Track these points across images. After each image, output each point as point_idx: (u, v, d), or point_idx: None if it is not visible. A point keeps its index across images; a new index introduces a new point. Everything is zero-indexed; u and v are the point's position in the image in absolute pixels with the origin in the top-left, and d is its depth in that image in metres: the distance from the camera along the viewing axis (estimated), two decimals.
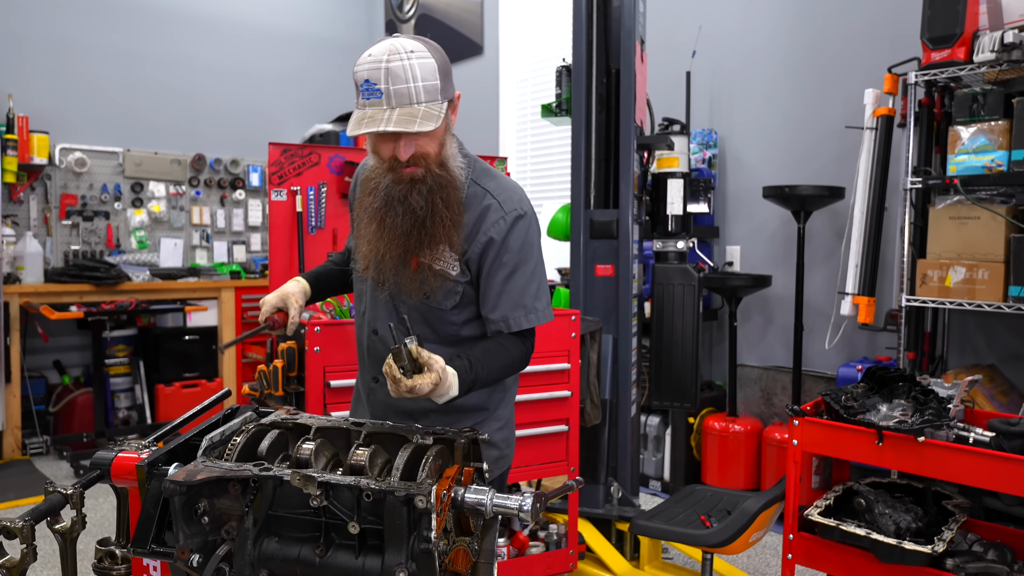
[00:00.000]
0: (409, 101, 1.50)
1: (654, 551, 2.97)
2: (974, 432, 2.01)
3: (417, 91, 1.50)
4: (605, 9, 3.09)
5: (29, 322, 4.94)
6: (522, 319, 1.67)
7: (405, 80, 1.49)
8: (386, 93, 1.49)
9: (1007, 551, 2.02)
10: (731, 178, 4.38)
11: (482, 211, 1.66)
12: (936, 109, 3.25)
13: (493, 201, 1.66)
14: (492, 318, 1.67)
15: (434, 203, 1.58)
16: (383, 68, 1.49)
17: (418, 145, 1.56)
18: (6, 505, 3.91)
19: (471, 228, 1.65)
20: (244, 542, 1.19)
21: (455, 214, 1.60)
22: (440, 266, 1.64)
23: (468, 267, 1.66)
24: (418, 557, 1.12)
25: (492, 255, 1.65)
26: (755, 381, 4.21)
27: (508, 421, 1.84)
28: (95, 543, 1.38)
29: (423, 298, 1.66)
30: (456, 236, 1.62)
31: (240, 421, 1.41)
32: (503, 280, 1.66)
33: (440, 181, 1.59)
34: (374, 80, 1.50)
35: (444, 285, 1.65)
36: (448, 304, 1.67)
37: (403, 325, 1.44)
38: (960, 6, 3.00)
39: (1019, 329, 3.29)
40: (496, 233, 1.65)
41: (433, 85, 1.52)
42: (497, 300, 1.66)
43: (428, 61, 1.52)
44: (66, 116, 5.40)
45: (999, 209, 2.94)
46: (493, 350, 1.64)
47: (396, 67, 1.49)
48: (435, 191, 1.58)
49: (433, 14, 6.31)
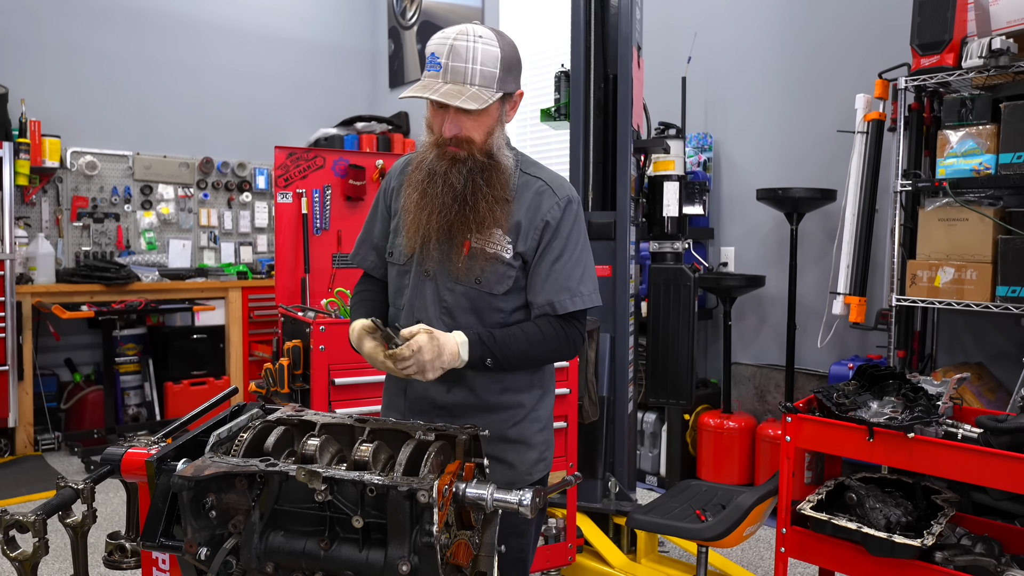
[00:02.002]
0: (463, 80, 1.52)
1: (651, 545, 2.97)
2: (962, 428, 2.01)
3: (473, 72, 1.52)
4: (603, 16, 3.09)
5: (41, 321, 4.94)
6: (567, 302, 1.65)
7: (465, 60, 1.51)
8: (444, 67, 1.52)
9: (994, 544, 2.02)
10: (725, 181, 4.38)
11: (536, 197, 1.66)
12: (926, 113, 3.25)
13: (546, 188, 1.67)
14: (537, 302, 1.65)
15: (475, 182, 1.57)
16: (448, 44, 1.52)
17: (464, 128, 1.57)
18: (19, 500, 3.91)
19: (527, 213, 1.65)
20: (251, 536, 1.19)
21: (498, 192, 1.59)
22: (493, 249, 1.62)
23: (522, 252, 1.65)
24: (420, 550, 1.12)
25: (546, 239, 1.65)
26: (749, 379, 4.21)
27: (548, 423, 1.79)
28: (105, 537, 1.38)
29: (474, 283, 1.63)
30: (502, 216, 1.60)
31: (247, 418, 1.41)
32: (551, 263, 1.65)
33: (481, 165, 1.59)
34: (438, 54, 1.53)
35: (497, 269, 1.63)
36: (500, 289, 1.64)
37: (389, 327, 1.51)
38: (949, 13, 3.00)
39: (1006, 328, 3.29)
40: (551, 217, 1.65)
41: (491, 72, 1.53)
42: (543, 283, 1.65)
43: (492, 49, 1.53)
44: (77, 120, 5.41)
45: (987, 211, 2.94)
46: (526, 329, 1.63)
47: (460, 46, 1.52)
48: (475, 172, 1.58)
49: (435, 21, 6.30)
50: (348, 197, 5.31)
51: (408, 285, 1.69)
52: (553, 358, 1.70)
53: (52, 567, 3.06)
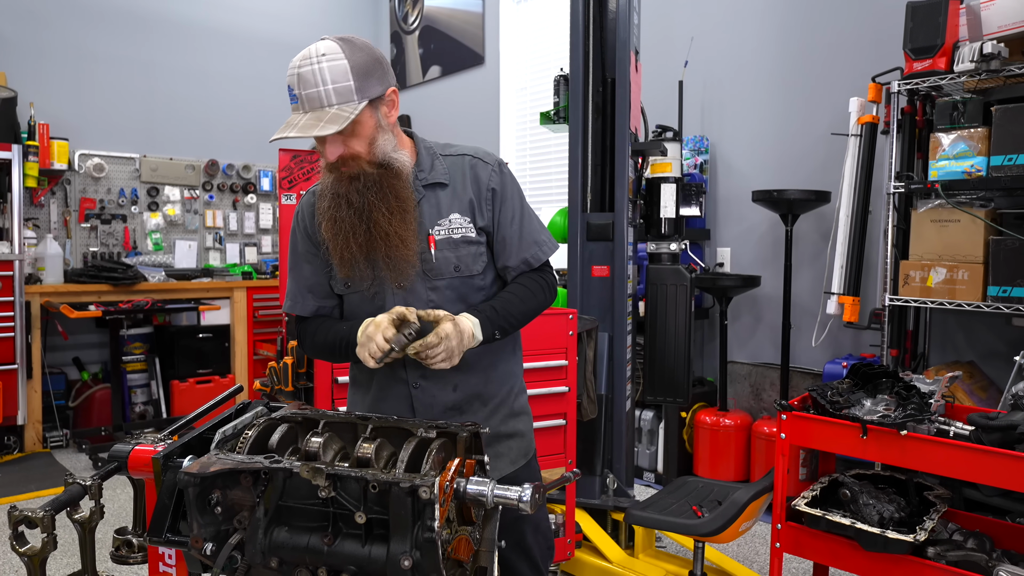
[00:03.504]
0: (320, 104, 1.47)
1: (648, 540, 2.97)
2: (954, 426, 2.01)
3: (327, 94, 1.46)
4: (601, 21, 3.09)
5: (50, 321, 4.94)
6: (539, 253, 1.69)
7: (315, 84, 1.46)
8: (300, 98, 1.48)
9: (986, 540, 2.02)
10: (722, 183, 4.38)
11: (472, 171, 1.66)
12: (918, 117, 3.25)
13: (476, 160, 1.68)
14: (513, 264, 1.67)
15: (369, 200, 1.54)
16: (295, 74, 1.48)
17: (347, 146, 1.53)
18: (27, 496, 3.91)
19: (472, 188, 1.65)
20: (255, 531, 1.19)
21: (392, 203, 1.55)
22: (460, 234, 1.62)
23: (483, 226, 1.65)
24: (422, 545, 1.12)
25: (498, 205, 1.66)
26: (745, 377, 4.21)
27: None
28: (113, 532, 1.39)
29: (454, 272, 1.63)
30: (403, 224, 1.56)
31: (252, 415, 1.41)
32: (515, 225, 1.67)
33: (375, 177, 1.55)
34: (292, 86, 1.49)
35: (470, 251, 1.63)
36: (478, 268, 1.65)
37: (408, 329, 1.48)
38: (941, 18, 3.00)
39: (997, 327, 3.29)
40: (495, 184, 1.66)
41: (345, 87, 1.47)
42: (516, 245, 1.67)
43: (339, 63, 1.47)
44: (85, 123, 5.40)
45: (978, 212, 2.93)
46: (514, 291, 1.66)
47: (306, 72, 1.46)
48: (369, 187, 1.54)
49: (436, 26, 6.30)
50: None
51: (381, 306, 1.62)
52: (543, 308, 1.72)
53: (60, 562, 3.06)
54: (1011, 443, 1.82)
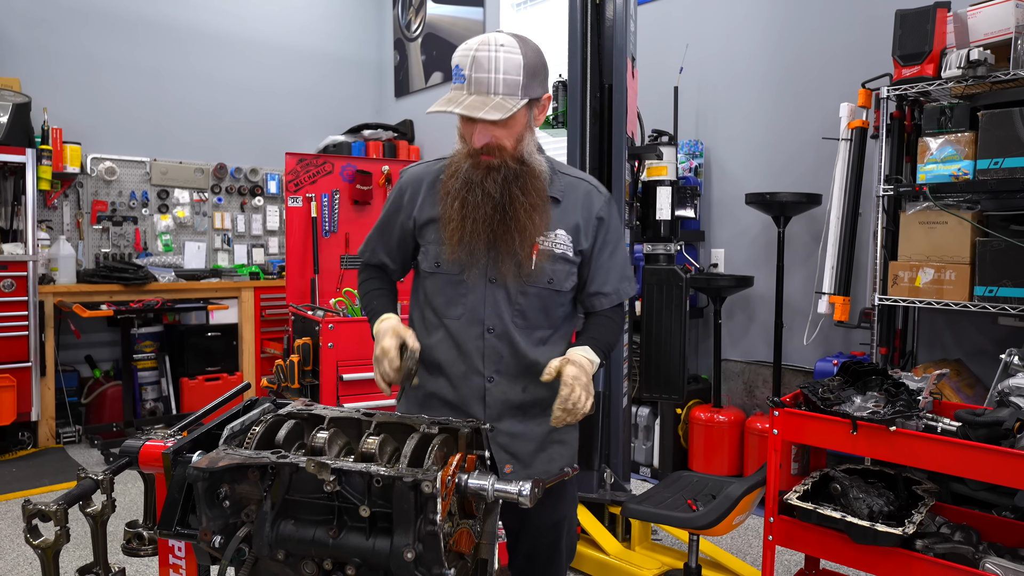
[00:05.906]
0: (487, 90, 1.48)
1: (644, 533, 2.97)
2: (942, 422, 2.00)
3: (496, 82, 1.48)
4: (598, 28, 3.09)
5: (62, 320, 4.94)
6: (628, 288, 1.73)
7: (488, 70, 1.47)
8: (468, 79, 1.48)
9: (972, 533, 2.02)
10: (716, 186, 4.38)
11: (586, 196, 1.66)
12: (907, 121, 3.25)
13: (592, 188, 1.69)
14: (605, 291, 1.68)
15: (511, 192, 1.54)
16: (471, 56, 1.48)
17: (494, 137, 1.53)
18: (41, 490, 3.91)
19: (581, 212, 1.65)
20: (262, 524, 1.19)
21: (534, 198, 1.57)
22: (560, 250, 1.63)
23: (583, 249, 1.66)
24: (424, 538, 1.12)
25: (603, 233, 1.67)
26: (738, 375, 4.21)
27: None
28: (124, 525, 1.39)
29: (547, 284, 1.63)
30: (542, 222, 1.58)
31: (259, 412, 1.41)
32: (610, 255, 1.68)
33: (515, 172, 1.55)
34: (461, 66, 1.49)
35: (564, 268, 1.64)
36: (568, 286, 1.66)
37: None
38: (929, 26, 3.00)
39: (983, 326, 3.29)
40: (604, 213, 1.67)
41: (514, 80, 1.49)
42: (607, 275, 1.68)
43: (515, 57, 1.49)
44: (97, 128, 5.40)
45: (965, 215, 2.93)
46: (604, 323, 1.69)
47: (482, 56, 1.47)
48: (510, 180, 1.54)
49: (438, 33, 6.30)
50: (355, 201, 5.32)
51: (466, 294, 1.63)
52: (620, 342, 1.77)
53: (73, 554, 3.06)
54: (997, 439, 1.82)
